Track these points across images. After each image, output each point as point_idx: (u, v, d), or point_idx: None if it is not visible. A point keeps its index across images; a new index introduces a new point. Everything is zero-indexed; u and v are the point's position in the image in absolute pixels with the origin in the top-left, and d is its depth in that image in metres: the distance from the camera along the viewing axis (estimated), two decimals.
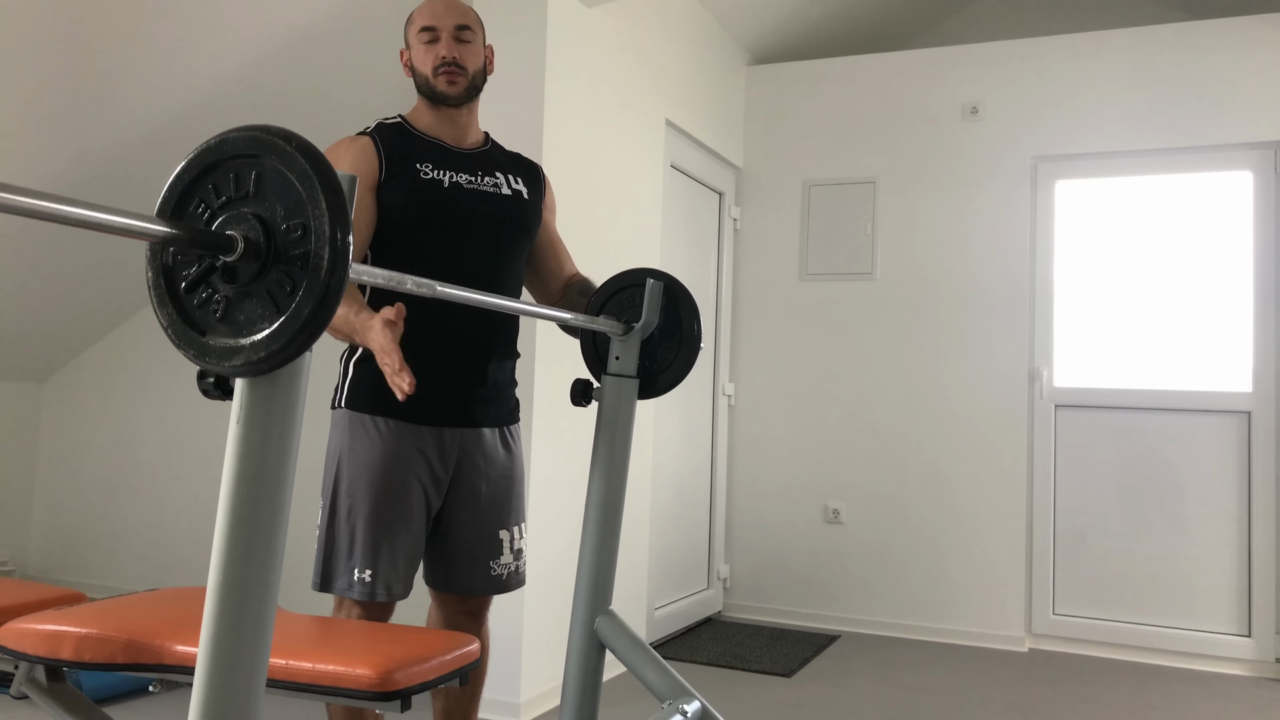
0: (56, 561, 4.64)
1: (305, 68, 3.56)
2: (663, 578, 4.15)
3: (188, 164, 1.06)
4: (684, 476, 4.38)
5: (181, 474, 4.42)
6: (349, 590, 1.92)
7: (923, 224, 4.52)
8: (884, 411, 4.51)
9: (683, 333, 2.00)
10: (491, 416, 2.08)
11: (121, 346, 4.59)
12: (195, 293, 1.06)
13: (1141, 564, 4.14)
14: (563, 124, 3.28)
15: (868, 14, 4.94)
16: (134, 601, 1.73)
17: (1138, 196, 4.28)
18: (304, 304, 0.99)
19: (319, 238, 0.98)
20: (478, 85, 2.07)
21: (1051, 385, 4.31)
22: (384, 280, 1.28)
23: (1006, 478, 4.30)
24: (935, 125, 4.53)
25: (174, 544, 4.40)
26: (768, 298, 4.75)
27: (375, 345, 1.64)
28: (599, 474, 1.90)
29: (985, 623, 4.28)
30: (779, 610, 4.60)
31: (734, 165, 4.79)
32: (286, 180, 1.00)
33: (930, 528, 4.40)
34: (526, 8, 3.17)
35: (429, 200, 1.97)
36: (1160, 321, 4.19)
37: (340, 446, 1.97)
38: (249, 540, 1.06)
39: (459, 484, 2.03)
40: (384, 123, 2.05)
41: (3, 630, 1.63)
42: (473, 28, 2.05)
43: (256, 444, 1.06)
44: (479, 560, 2.06)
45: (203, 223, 1.06)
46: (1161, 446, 4.15)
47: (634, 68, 3.79)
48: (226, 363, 1.04)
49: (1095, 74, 4.31)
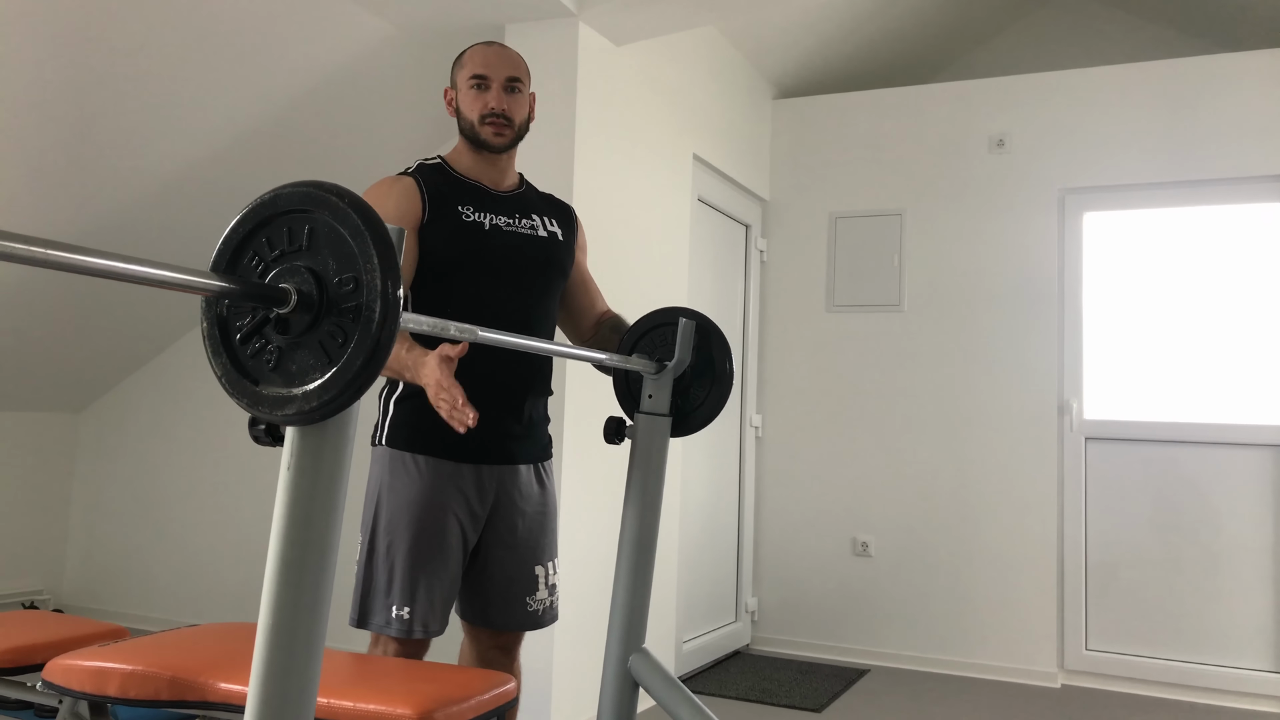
0: (90, 592, 4.70)
1: (323, 117, 3.63)
2: (691, 610, 4.14)
3: (242, 218, 1.09)
4: (712, 508, 4.38)
5: (215, 505, 4.47)
6: (386, 627, 1.94)
7: (950, 256, 4.52)
8: (912, 443, 4.50)
9: (715, 371, 2.02)
10: (527, 453, 2.10)
11: (156, 378, 4.66)
12: (249, 343, 1.09)
13: (1175, 599, 4.09)
14: (593, 160, 3.32)
15: (893, 48, 4.98)
16: (177, 638, 1.76)
17: (1167, 228, 4.26)
18: (355, 355, 1.01)
19: (370, 291, 1.01)
20: (521, 135, 2.11)
21: (1081, 417, 4.28)
22: (429, 328, 1.31)
23: (1037, 510, 4.27)
24: (962, 158, 4.55)
25: (208, 576, 4.45)
26: (795, 329, 4.76)
27: (430, 380, 1.66)
28: (632, 512, 1.92)
29: (1017, 658, 4.24)
30: (808, 644, 4.57)
31: (760, 198, 4.82)
32: (339, 235, 1.04)
33: (960, 560, 4.37)
34: (558, 47, 3.23)
35: (470, 242, 2.00)
36: (1192, 354, 4.16)
37: (380, 484, 2.00)
38: (299, 584, 1.09)
39: (496, 520, 2.05)
40: (425, 164, 2.08)
41: (49, 666, 1.66)
42: (522, 79, 2.08)
43: (306, 490, 1.09)
44: (516, 596, 2.07)
45: (256, 275, 1.09)
46: (1194, 479, 4.11)
47: (662, 104, 3.83)
48: (279, 412, 1.07)
49: (1123, 106, 4.32)
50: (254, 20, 3.09)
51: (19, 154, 3.21)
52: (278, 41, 3.21)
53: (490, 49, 2.08)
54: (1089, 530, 4.24)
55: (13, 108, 3.05)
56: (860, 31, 4.67)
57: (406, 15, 3.21)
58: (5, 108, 3.04)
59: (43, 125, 3.16)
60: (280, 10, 3.08)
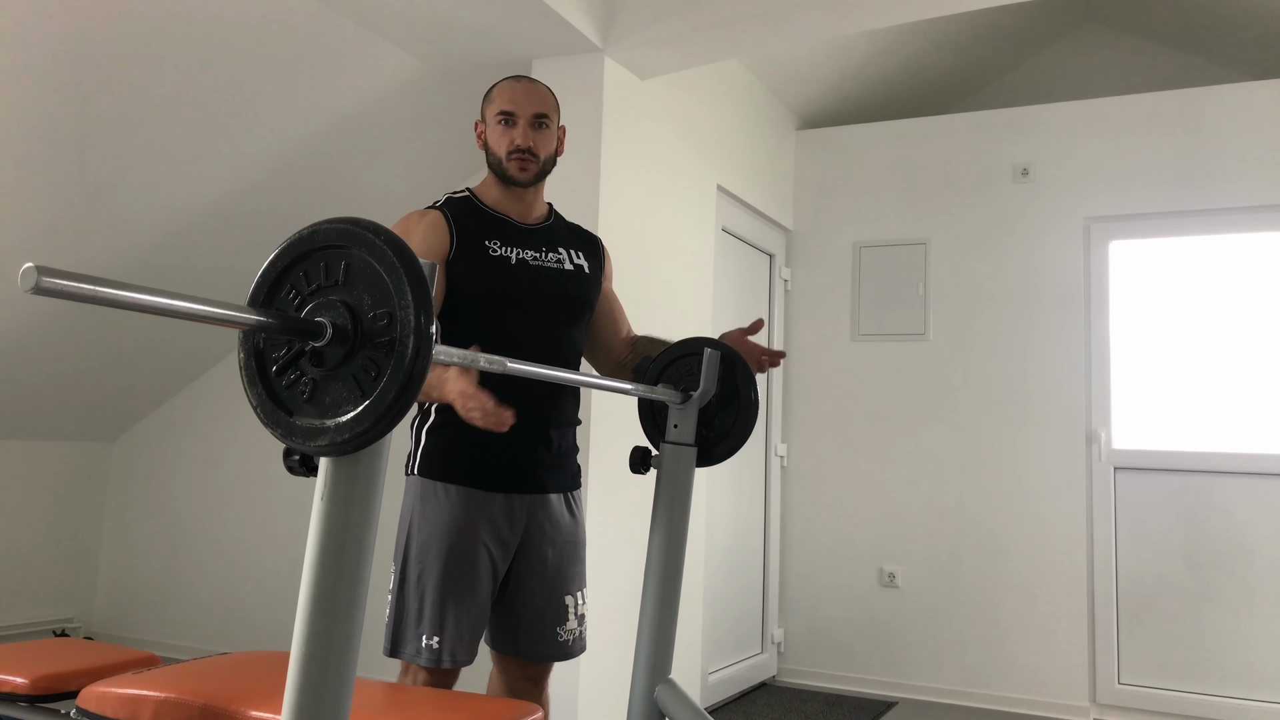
0: (121, 620, 4.74)
1: (353, 152, 3.69)
2: (717, 642, 4.12)
3: (280, 253, 1.12)
4: (737, 538, 4.37)
5: (244, 535, 4.51)
6: (416, 657, 1.94)
7: (975, 285, 4.51)
8: (939, 473, 4.47)
9: (740, 401, 2.03)
10: (558, 482, 2.11)
11: (188, 407, 4.72)
12: (285, 375, 1.12)
13: (1209, 632, 4.02)
14: (618, 192, 3.36)
15: (916, 78, 5.00)
16: (209, 666, 1.78)
17: (1195, 256, 4.24)
18: (389, 389, 1.04)
19: (404, 326, 1.04)
20: (547, 169, 2.13)
21: (1110, 447, 4.24)
22: (460, 359, 1.33)
23: (1066, 541, 4.23)
24: (986, 187, 4.55)
25: (237, 605, 4.48)
26: (820, 358, 4.76)
27: (455, 392, 1.67)
28: (658, 542, 1.92)
29: (1048, 692, 4.18)
30: (834, 675, 4.53)
31: (784, 228, 4.84)
32: (374, 271, 1.06)
33: (988, 592, 4.32)
34: (584, 81, 3.27)
35: (497, 277, 2.03)
36: (1222, 382, 4.12)
37: (412, 512, 2.01)
38: (331, 612, 1.10)
39: (527, 549, 2.06)
40: (453, 197, 2.11)
41: (83, 694, 1.68)
42: (550, 115, 2.10)
43: (340, 520, 1.11)
44: (547, 626, 2.07)
45: (293, 308, 1.12)
46: (1226, 510, 4.05)
47: (686, 136, 3.87)
48: (312, 442, 1.09)
49: (1149, 135, 4.31)
50: (285, 56, 3.16)
51: (58, 190, 3.29)
52: (309, 77, 3.28)
53: (519, 85, 2.11)
54: (1119, 561, 4.19)
55: (53, 144, 3.13)
56: (883, 62, 4.70)
57: (435, 50, 3.27)
58: (45, 145, 3.12)
59: (80, 162, 3.23)
60: (311, 46, 3.15)
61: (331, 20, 3.05)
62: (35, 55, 2.84)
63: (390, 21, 3.08)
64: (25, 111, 2.99)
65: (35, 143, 3.10)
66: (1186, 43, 4.84)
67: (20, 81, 2.89)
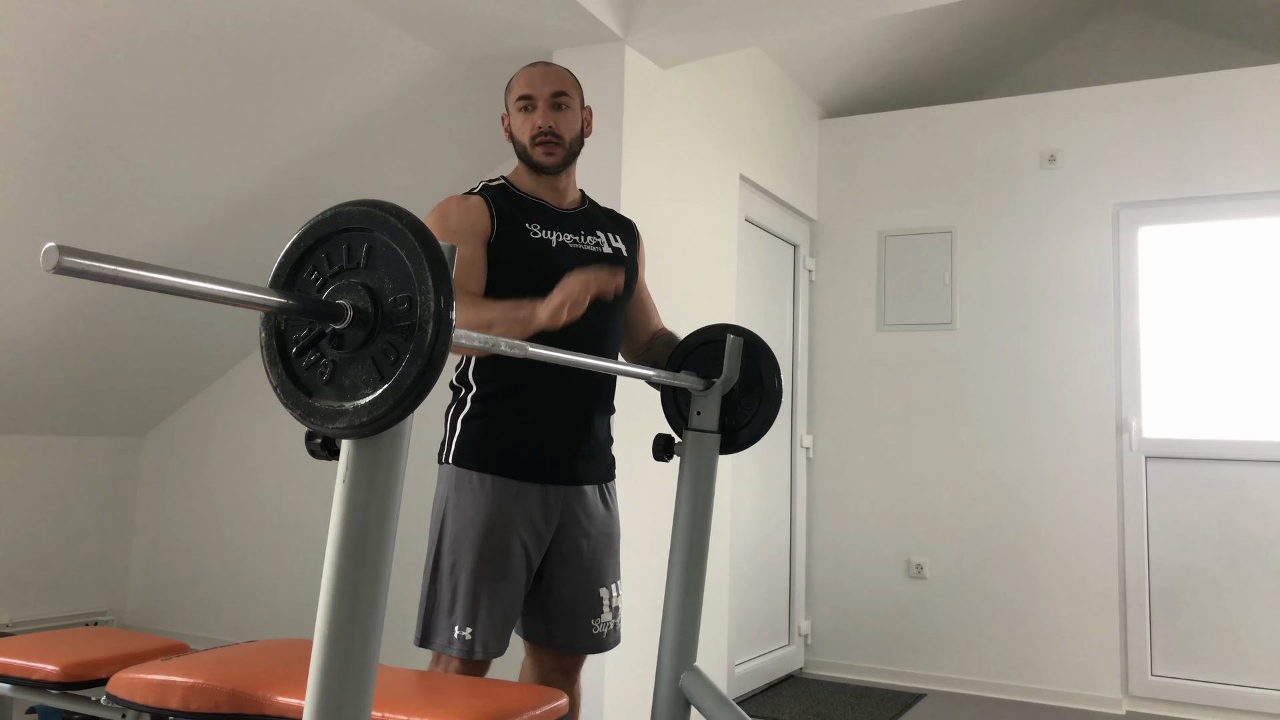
0: (152, 612, 4.79)
1: (374, 145, 3.70)
2: (743, 633, 4.11)
3: (303, 234, 1.13)
4: (763, 530, 4.35)
5: (273, 528, 4.54)
6: (448, 647, 1.93)
7: (1002, 273, 4.47)
8: (967, 463, 4.43)
9: (763, 387, 2.02)
10: (593, 473, 2.09)
11: (218, 401, 4.77)
12: (305, 356, 1.12)
13: (1243, 623, 3.96)
14: (640, 182, 3.35)
15: (941, 65, 4.95)
16: (237, 653, 1.79)
17: (1226, 241, 4.17)
18: (408, 372, 1.04)
19: (424, 310, 1.03)
20: (574, 152, 2.11)
21: (1141, 436, 4.19)
22: (480, 344, 1.33)
23: (1096, 531, 4.18)
24: (1013, 174, 4.50)
25: (266, 596, 4.52)
26: (845, 349, 4.73)
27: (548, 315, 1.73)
28: (682, 530, 1.92)
29: (1079, 683, 4.14)
30: (862, 667, 4.51)
31: (808, 217, 4.81)
32: (396, 255, 1.06)
33: (1018, 583, 4.28)
34: (605, 71, 3.27)
35: (538, 259, 2.01)
36: (1255, 370, 4.06)
37: (445, 502, 2.00)
38: (353, 595, 1.11)
39: (562, 541, 2.03)
40: (489, 184, 2.09)
41: (113, 680, 1.70)
42: (569, 93, 2.09)
43: (361, 502, 1.11)
44: (581, 618, 2.05)
45: (315, 290, 1.12)
46: (1260, 499, 3.99)
47: (708, 125, 3.86)
48: (331, 424, 1.09)
49: (1178, 119, 4.24)
50: (306, 51, 3.17)
51: (78, 188, 3.33)
52: (329, 71, 3.29)
53: (535, 69, 2.10)
54: (1151, 552, 4.14)
55: (74, 142, 3.16)
56: (907, 49, 4.66)
57: (456, 43, 3.27)
58: (68, 142, 3.15)
59: (100, 159, 3.27)
60: (333, 40, 3.16)
61: (352, 14, 3.06)
62: (56, 50, 2.86)
63: (411, 14, 3.08)
64: (47, 110, 3.02)
65: (57, 139, 3.13)
66: (1216, 25, 4.76)
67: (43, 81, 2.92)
